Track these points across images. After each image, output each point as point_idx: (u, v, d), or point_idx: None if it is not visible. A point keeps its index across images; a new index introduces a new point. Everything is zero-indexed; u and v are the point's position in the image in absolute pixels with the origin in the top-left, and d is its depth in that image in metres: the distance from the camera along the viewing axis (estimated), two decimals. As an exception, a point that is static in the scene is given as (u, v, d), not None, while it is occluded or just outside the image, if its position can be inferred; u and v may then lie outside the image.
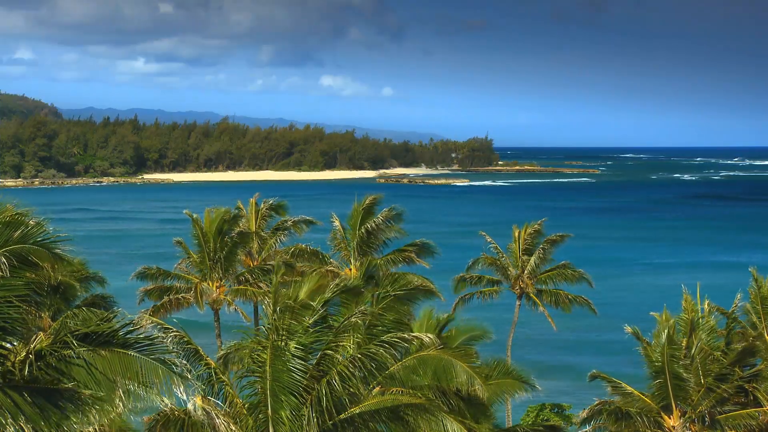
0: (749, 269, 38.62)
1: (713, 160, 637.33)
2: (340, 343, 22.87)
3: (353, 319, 23.02)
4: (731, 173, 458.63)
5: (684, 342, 34.95)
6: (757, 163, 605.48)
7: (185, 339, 23.00)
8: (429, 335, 23.68)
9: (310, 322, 22.86)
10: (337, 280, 24.89)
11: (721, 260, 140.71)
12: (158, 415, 22.72)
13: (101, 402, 17.11)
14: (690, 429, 34.13)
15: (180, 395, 17.82)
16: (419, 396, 24.38)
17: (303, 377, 22.33)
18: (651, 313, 36.84)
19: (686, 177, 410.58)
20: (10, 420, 16.24)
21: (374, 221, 48.24)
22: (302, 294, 23.07)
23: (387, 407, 22.79)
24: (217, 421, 21.49)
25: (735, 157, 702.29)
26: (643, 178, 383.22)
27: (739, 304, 37.47)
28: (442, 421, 23.61)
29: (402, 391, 25.06)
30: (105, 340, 17.24)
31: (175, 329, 23.07)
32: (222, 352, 24.16)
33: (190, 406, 21.06)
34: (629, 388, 35.31)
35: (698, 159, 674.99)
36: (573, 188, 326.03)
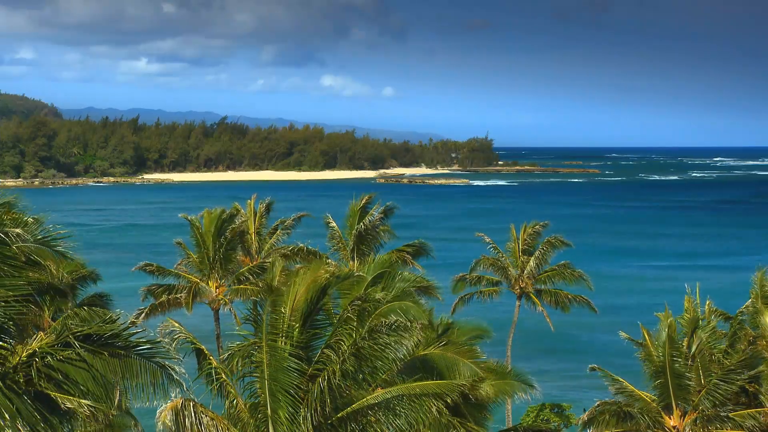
0: (756, 267, 38.42)
1: (686, 160, 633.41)
2: (337, 339, 22.69)
3: (347, 314, 22.83)
4: (697, 174, 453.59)
5: (685, 342, 34.82)
6: (733, 163, 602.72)
7: (189, 339, 22.91)
8: (408, 303, 23.21)
9: (306, 318, 22.70)
10: (332, 269, 24.51)
11: (720, 261, 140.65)
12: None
13: (100, 409, 16.97)
14: (691, 429, 34.01)
15: (174, 399, 17.72)
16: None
17: (299, 376, 22.23)
18: (655, 313, 36.76)
19: (654, 177, 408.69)
20: (8, 422, 16.09)
21: (368, 220, 48.32)
22: (299, 290, 22.84)
23: (383, 399, 22.57)
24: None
25: (715, 157, 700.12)
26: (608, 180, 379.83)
27: (744, 309, 37.29)
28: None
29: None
30: (107, 342, 17.07)
31: (181, 330, 22.95)
32: (225, 354, 23.99)
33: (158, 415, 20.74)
34: (630, 387, 35.22)
35: (679, 158, 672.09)
36: (572, 188, 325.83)
